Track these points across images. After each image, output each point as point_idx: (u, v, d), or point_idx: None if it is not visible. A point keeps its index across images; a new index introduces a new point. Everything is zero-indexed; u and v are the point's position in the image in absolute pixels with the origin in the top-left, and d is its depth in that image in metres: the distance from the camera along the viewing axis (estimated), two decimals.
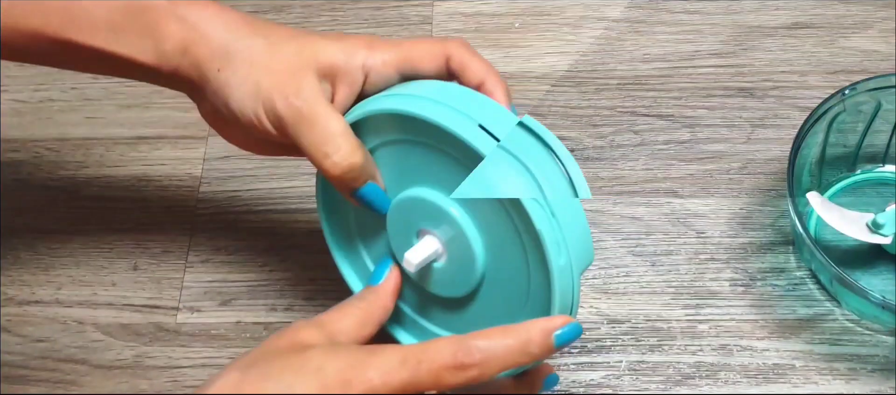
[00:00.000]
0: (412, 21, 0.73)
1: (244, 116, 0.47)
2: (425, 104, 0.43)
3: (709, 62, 0.69)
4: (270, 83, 0.46)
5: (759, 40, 0.70)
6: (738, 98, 0.67)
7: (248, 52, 0.47)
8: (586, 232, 0.44)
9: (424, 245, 0.46)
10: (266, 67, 0.46)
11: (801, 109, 0.66)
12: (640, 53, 0.70)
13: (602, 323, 0.60)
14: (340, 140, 0.45)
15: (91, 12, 0.48)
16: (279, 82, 0.46)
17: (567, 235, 0.42)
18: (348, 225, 0.52)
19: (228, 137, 0.52)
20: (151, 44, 0.48)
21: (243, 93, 0.46)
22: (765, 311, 0.60)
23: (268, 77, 0.46)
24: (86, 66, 0.51)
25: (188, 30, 0.47)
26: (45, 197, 0.68)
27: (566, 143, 0.66)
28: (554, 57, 0.70)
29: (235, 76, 0.47)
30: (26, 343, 0.62)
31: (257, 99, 0.46)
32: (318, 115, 0.45)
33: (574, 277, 0.43)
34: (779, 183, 0.64)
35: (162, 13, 0.48)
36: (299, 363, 0.41)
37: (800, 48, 0.69)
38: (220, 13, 0.48)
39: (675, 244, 0.62)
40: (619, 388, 0.58)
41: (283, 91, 0.46)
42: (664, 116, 0.67)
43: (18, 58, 0.51)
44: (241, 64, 0.47)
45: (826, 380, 0.57)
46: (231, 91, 0.47)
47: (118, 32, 0.48)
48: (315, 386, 0.40)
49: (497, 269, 0.46)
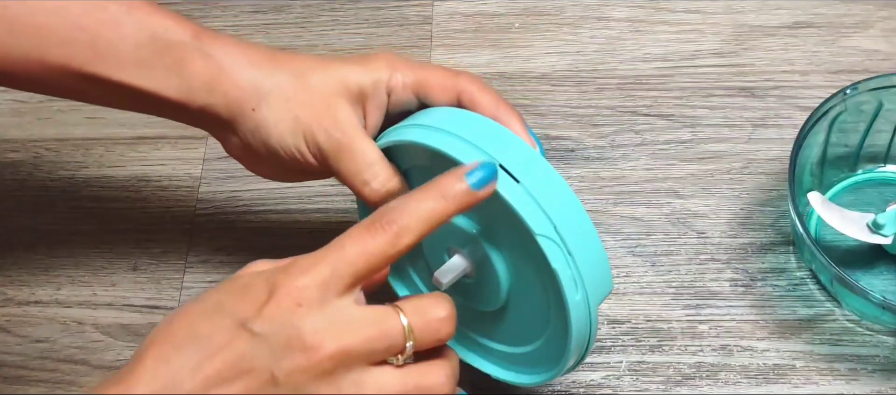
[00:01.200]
0: (412, 21, 0.73)
1: (286, 151, 0.49)
2: (451, 141, 0.45)
3: (710, 62, 0.69)
4: (309, 117, 0.48)
5: (761, 40, 0.70)
6: (739, 98, 0.67)
7: (280, 90, 0.48)
8: (604, 264, 0.45)
9: (453, 264, 0.47)
10: (301, 102, 0.48)
11: (803, 108, 0.66)
12: (641, 53, 0.70)
13: (602, 323, 0.60)
14: (378, 168, 0.48)
15: (118, 47, 0.48)
16: (316, 115, 0.48)
17: (583, 270, 0.44)
18: None
19: (258, 170, 0.53)
20: (178, 81, 0.48)
21: (283, 129, 0.48)
22: (765, 311, 0.59)
23: (304, 111, 0.48)
24: (112, 100, 0.51)
25: (214, 68, 0.48)
26: (44, 197, 0.68)
27: (567, 142, 0.66)
28: (554, 57, 0.70)
29: (272, 114, 0.48)
30: (26, 344, 0.62)
31: (297, 134, 0.48)
32: (356, 145, 0.48)
33: (591, 310, 0.45)
34: (779, 183, 0.64)
35: (187, 50, 0.48)
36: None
37: (801, 48, 0.69)
38: (244, 51, 0.49)
39: (676, 245, 0.62)
40: (620, 388, 0.58)
41: (321, 124, 0.48)
42: (665, 115, 0.67)
43: (43, 90, 0.52)
44: (276, 101, 0.48)
45: (826, 380, 0.57)
46: (270, 129, 0.48)
47: (145, 68, 0.48)
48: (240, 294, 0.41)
49: (521, 293, 0.48)
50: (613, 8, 0.72)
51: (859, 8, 0.70)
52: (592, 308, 0.45)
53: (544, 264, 0.43)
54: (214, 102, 0.49)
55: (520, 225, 0.43)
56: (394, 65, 0.49)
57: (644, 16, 0.72)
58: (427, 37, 0.72)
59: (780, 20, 0.70)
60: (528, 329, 0.49)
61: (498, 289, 0.47)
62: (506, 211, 0.43)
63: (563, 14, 0.72)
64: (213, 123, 0.50)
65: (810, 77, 0.68)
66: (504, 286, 0.47)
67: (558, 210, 0.43)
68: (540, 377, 0.49)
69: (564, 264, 0.43)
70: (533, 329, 0.48)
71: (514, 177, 0.43)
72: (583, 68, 0.70)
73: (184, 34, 0.49)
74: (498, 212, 0.44)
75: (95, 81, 0.49)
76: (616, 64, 0.70)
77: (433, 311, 0.41)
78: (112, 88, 0.49)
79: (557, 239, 0.43)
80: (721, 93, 0.68)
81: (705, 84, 0.68)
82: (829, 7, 0.71)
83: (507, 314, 0.49)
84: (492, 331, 0.51)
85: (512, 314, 0.49)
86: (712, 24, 0.71)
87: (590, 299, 0.44)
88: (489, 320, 0.51)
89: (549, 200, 0.43)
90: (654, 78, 0.69)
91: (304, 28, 0.74)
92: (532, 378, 0.50)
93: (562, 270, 0.43)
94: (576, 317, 0.44)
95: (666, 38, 0.70)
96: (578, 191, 0.64)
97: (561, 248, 0.43)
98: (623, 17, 0.72)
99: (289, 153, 0.49)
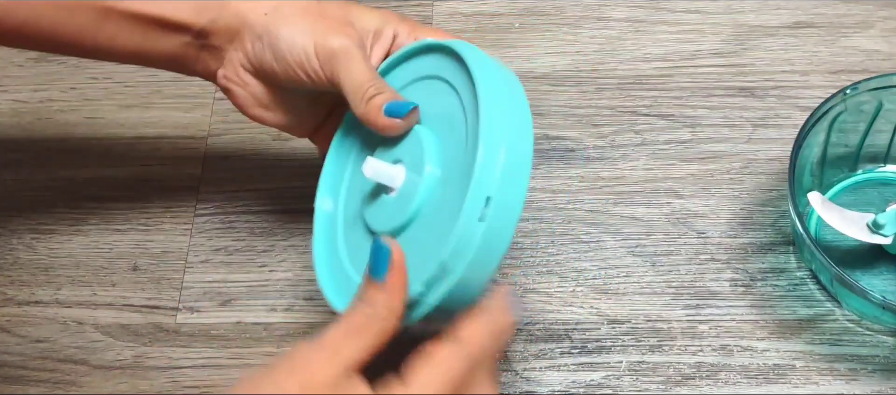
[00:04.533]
0: None
1: (293, 54, 0.50)
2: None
3: (710, 62, 0.69)
4: (321, 26, 0.50)
5: (761, 40, 0.70)
6: (739, 98, 0.67)
7: (295, 3, 0.51)
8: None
9: (392, 170, 0.47)
10: (315, 15, 0.50)
11: (803, 108, 0.66)
12: (641, 53, 0.70)
13: (602, 323, 0.60)
14: (382, 84, 0.49)
15: None
16: (329, 26, 0.50)
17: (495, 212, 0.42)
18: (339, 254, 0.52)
19: (253, 92, 0.53)
20: (188, 2, 0.51)
21: (294, 30, 0.50)
22: (765, 311, 0.59)
23: (317, 22, 0.50)
24: (117, 42, 0.52)
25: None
26: (44, 197, 0.68)
27: (566, 142, 0.66)
28: (554, 57, 0.70)
29: (285, 17, 0.50)
30: (26, 344, 0.62)
31: (307, 35, 0.49)
32: (364, 56, 0.50)
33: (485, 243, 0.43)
34: (779, 183, 0.64)
35: None
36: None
37: (801, 48, 0.69)
38: None
39: (676, 245, 0.62)
40: (620, 388, 0.58)
41: (334, 30, 0.50)
42: (665, 115, 0.67)
43: (50, 40, 0.52)
44: (290, 9, 0.50)
45: (826, 380, 0.57)
46: (280, 29, 0.50)
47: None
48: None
49: (433, 208, 0.46)
50: (613, 8, 0.72)
51: (859, 8, 0.70)
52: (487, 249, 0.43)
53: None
54: (225, 15, 0.51)
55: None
56: (401, 19, 0.53)
57: (644, 16, 0.72)
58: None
59: (780, 20, 0.70)
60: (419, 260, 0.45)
61: (409, 205, 0.46)
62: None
63: (563, 14, 0.72)
64: (219, 39, 0.52)
65: (810, 77, 0.68)
66: (416, 204, 0.46)
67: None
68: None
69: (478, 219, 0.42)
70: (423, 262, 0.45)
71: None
72: (583, 68, 0.70)
73: None
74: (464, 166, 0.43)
75: (107, 14, 0.51)
76: (616, 64, 0.70)
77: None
78: (123, 21, 0.51)
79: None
80: (721, 93, 0.68)
81: (705, 84, 0.68)
82: (829, 7, 0.71)
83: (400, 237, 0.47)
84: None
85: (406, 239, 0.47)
86: (712, 25, 0.71)
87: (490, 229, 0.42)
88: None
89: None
90: (654, 78, 0.69)
91: None
92: None
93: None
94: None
95: (666, 38, 0.70)
96: (578, 191, 0.65)
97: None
98: (623, 17, 0.72)
99: (295, 56, 0.50)
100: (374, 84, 0.48)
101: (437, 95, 0.49)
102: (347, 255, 0.51)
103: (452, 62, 0.48)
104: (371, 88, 0.48)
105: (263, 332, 0.61)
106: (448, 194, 0.45)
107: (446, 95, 0.48)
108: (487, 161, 0.43)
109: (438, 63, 0.49)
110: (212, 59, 0.53)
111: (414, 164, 0.47)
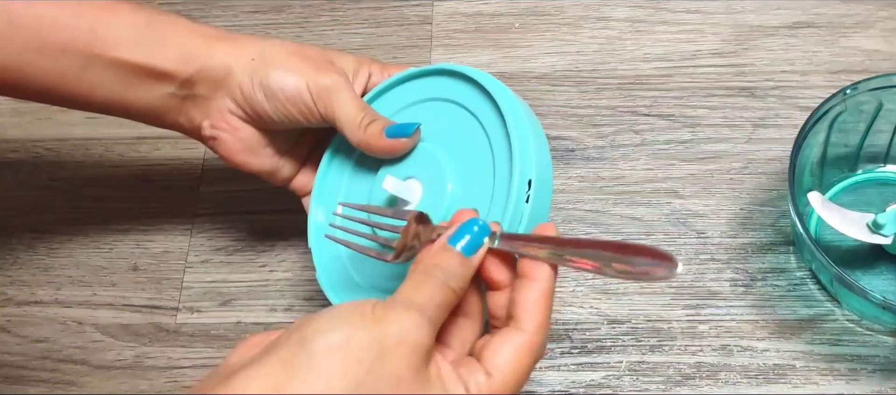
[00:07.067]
0: (412, 21, 0.73)
1: (285, 90, 0.51)
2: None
3: (710, 62, 0.69)
4: (312, 66, 0.52)
5: (761, 40, 0.70)
6: (739, 98, 0.67)
7: (280, 45, 0.53)
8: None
9: (409, 185, 0.50)
10: (303, 56, 0.53)
11: (803, 108, 0.66)
12: (641, 53, 0.70)
13: (602, 323, 0.60)
14: (372, 113, 0.52)
15: (116, 28, 0.51)
16: (319, 65, 0.52)
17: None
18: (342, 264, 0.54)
19: (235, 136, 0.54)
20: (175, 51, 0.52)
21: (284, 70, 0.52)
22: (765, 311, 0.59)
23: (307, 62, 0.52)
24: (100, 91, 0.52)
25: (211, 32, 0.54)
26: (44, 197, 0.68)
27: (567, 142, 0.66)
28: (554, 57, 0.70)
29: (273, 60, 0.52)
30: (26, 344, 0.62)
31: (300, 75, 0.52)
32: (352, 91, 0.53)
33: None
34: (780, 183, 0.64)
35: (183, 22, 0.53)
36: None
37: (801, 48, 0.69)
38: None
39: (676, 245, 0.62)
40: (620, 388, 0.58)
41: (325, 70, 0.52)
42: (665, 115, 0.67)
43: (36, 90, 0.52)
44: (277, 52, 0.52)
45: (826, 380, 0.57)
46: (270, 72, 0.52)
47: (142, 44, 0.52)
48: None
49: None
50: (613, 8, 0.72)
51: (859, 8, 0.70)
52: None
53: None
54: (211, 64, 0.52)
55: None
56: (372, 61, 0.56)
57: (644, 16, 0.72)
58: (427, 37, 0.72)
59: (780, 20, 0.70)
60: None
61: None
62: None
63: (563, 14, 0.72)
64: (204, 88, 0.53)
65: (810, 77, 0.68)
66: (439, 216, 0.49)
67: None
68: None
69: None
70: None
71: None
72: (583, 68, 0.70)
73: (177, 15, 0.53)
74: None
75: (93, 61, 0.51)
76: (616, 64, 0.70)
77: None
78: (108, 69, 0.51)
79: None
80: (721, 93, 0.68)
81: (705, 84, 0.68)
82: (829, 7, 0.70)
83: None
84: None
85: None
86: (712, 25, 0.71)
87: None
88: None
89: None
90: (654, 78, 0.69)
91: (304, 28, 0.74)
92: None
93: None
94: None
95: (666, 38, 0.70)
96: (578, 191, 0.65)
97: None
98: (623, 17, 0.72)
99: (288, 94, 0.52)
100: (367, 114, 0.52)
101: (435, 112, 0.52)
102: (348, 254, 0.52)
103: (440, 80, 0.52)
104: (365, 118, 0.51)
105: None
106: (470, 203, 0.48)
107: (446, 111, 0.52)
108: (522, 150, 0.47)
109: (424, 86, 0.53)
110: (195, 110, 0.54)
111: (430, 178, 0.50)
